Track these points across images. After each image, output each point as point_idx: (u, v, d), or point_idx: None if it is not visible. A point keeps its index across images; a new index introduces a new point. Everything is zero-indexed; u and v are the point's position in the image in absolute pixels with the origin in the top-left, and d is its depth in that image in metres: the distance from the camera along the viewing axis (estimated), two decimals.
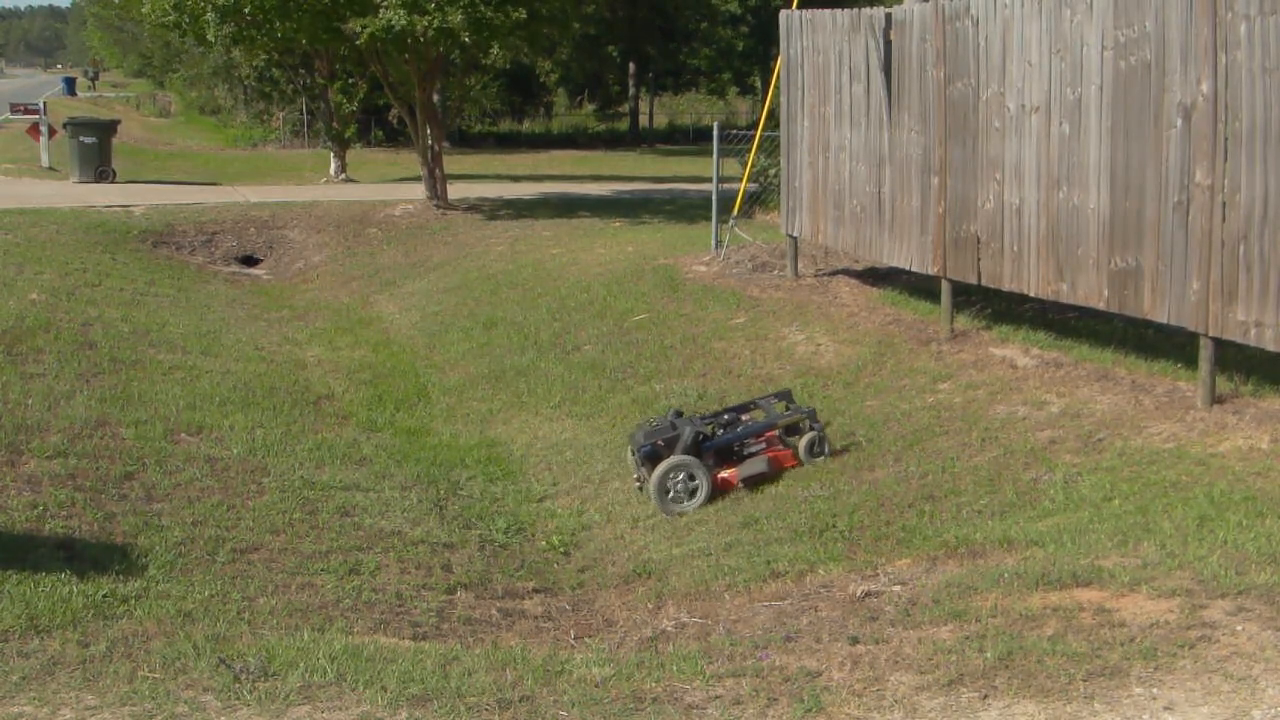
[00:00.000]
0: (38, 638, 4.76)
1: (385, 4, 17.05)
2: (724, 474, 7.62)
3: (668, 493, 7.49)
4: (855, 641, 4.52)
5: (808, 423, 7.84)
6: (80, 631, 4.87)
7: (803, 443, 7.75)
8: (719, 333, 10.64)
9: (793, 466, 7.69)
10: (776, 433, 7.90)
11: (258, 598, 5.80)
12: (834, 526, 6.69)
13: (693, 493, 7.50)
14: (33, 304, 11.23)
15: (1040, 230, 8.32)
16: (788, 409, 8.02)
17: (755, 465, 7.62)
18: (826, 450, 7.73)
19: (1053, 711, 3.79)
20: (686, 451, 7.55)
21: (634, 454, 7.84)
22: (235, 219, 18.91)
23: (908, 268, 10.04)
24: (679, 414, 8.01)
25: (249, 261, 17.99)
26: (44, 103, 27.40)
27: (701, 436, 7.68)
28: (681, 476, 7.49)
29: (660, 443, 7.65)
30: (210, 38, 18.52)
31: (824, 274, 12.07)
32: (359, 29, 17.42)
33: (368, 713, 4.02)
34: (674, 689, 4.22)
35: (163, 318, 12.22)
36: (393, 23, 16.88)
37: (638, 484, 7.88)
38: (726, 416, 7.98)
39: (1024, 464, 6.86)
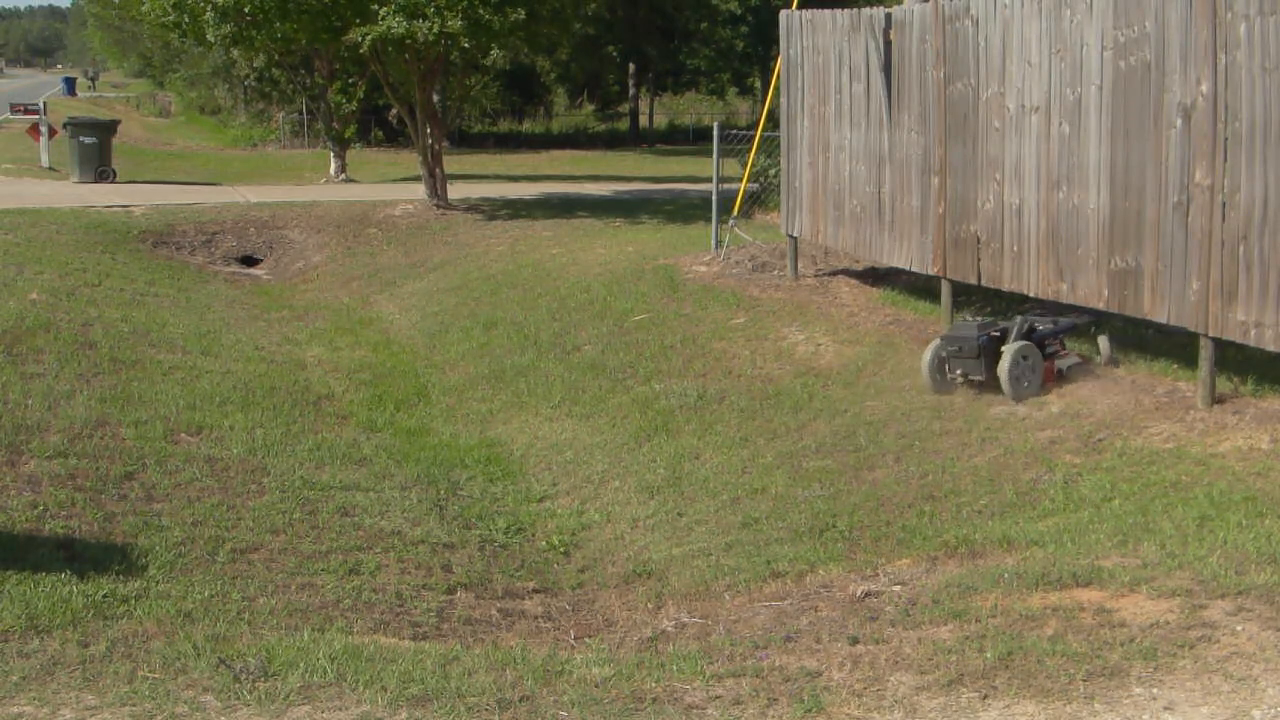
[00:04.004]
0: (38, 638, 4.75)
1: (383, 11, 17.07)
2: (1046, 364, 7.92)
3: (1019, 379, 7.72)
4: (855, 641, 4.53)
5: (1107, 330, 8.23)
6: (80, 631, 4.86)
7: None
8: (719, 333, 10.64)
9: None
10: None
11: (258, 598, 5.80)
12: (834, 526, 6.69)
13: (1034, 370, 7.80)
14: (33, 304, 11.23)
15: (1040, 230, 8.33)
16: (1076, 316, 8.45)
17: (1069, 359, 8.03)
18: (1115, 359, 8.11)
19: (1053, 711, 3.79)
20: (1020, 339, 7.85)
21: (955, 352, 8.02)
22: (235, 219, 18.90)
23: (908, 268, 10.05)
24: (967, 319, 8.37)
25: (249, 261, 17.97)
26: (44, 103, 27.37)
27: (1030, 328, 7.96)
28: (1029, 360, 7.78)
29: (994, 333, 7.95)
30: (210, 38, 18.53)
31: (824, 274, 12.07)
32: (360, 38, 17.45)
33: (368, 713, 4.02)
34: (674, 689, 4.22)
35: (163, 318, 12.22)
36: (392, 29, 16.91)
37: (961, 379, 8.06)
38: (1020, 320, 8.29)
39: (1024, 464, 6.86)
